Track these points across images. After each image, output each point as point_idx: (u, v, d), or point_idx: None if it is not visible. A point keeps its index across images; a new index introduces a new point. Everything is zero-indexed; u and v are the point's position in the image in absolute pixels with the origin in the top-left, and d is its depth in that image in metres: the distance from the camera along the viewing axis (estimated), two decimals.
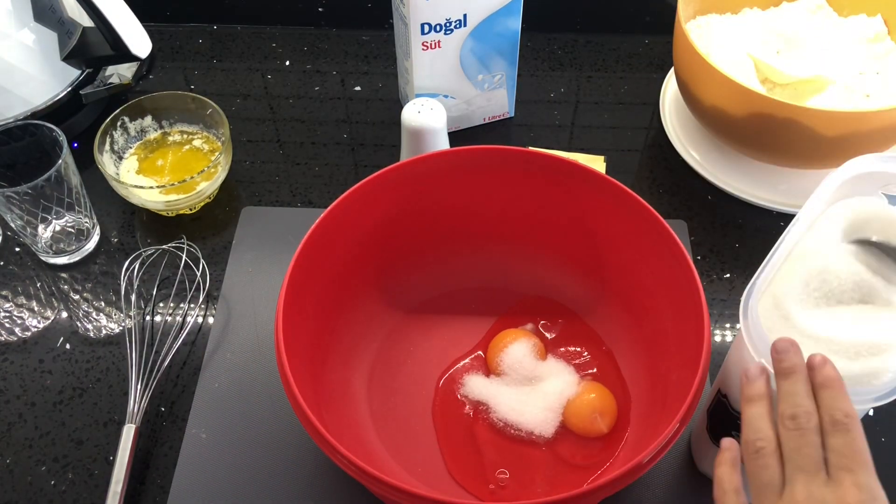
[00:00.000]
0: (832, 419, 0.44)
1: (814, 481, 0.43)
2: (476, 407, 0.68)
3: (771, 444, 0.45)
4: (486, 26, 0.80)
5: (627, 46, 1.00)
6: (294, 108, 0.94)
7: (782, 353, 0.47)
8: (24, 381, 0.71)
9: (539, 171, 0.67)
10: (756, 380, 0.48)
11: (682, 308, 0.60)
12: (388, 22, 0.98)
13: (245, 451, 0.66)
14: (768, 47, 0.83)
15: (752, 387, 0.48)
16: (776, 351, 0.47)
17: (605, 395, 0.67)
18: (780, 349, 0.47)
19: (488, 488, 0.63)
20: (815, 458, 0.43)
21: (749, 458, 0.46)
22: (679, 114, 0.90)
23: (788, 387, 0.46)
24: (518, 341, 0.69)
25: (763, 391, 0.47)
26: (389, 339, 0.72)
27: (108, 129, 0.81)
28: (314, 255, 0.62)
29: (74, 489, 0.65)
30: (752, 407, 0.47)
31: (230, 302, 0.76)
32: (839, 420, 0.44)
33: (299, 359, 0.58)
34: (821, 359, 0.46)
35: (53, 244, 0.78)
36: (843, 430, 0.43)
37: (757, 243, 0.80)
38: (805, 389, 0.46)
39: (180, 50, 1.00)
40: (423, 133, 0.76)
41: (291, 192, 0.85)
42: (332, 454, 0.52)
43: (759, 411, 0.47)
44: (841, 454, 0.43)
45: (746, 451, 0.46)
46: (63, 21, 0.84)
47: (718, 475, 0.48)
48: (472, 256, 0.74)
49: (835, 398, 0.45)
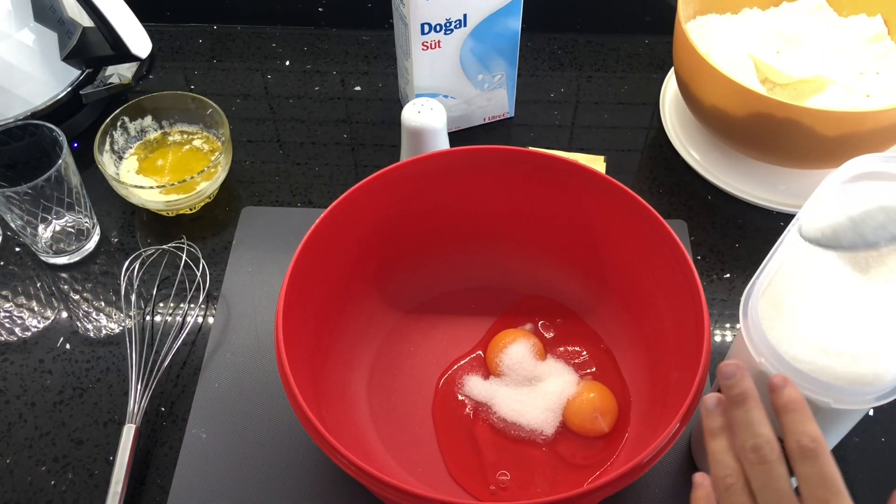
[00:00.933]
0: (800, 446, 0.42)
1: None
2: (476, 407, 0.68)
3: (740, 479, 0.44)
4: (486, 26, 0.80)
5: (627, 46, 1.00)
6: (294, 108, 0.94)
7: (730, 379, 0.45)
8: (24, 381, 0.71)
9: (539, 171, 0.67)
10: (713, 411, 0.46)
11: (682, 308, 0.60)
12: (388, 22, 0.98)
13: (245, 451, 0.66)
14: (768, 47, 0.83)
15: (712, 419, 0.46)
16: (723, 377, 0.45)
17: (606, 394, 0.67)
18: (727, 374, 0.45)
19: (489, 489, 0.63)
20: (785, 492, 0.42)
21: (721, 497, 0.44)
22: (679, 114, 0.90)
23: (742, 415, 0.44)
24: (517, 342, 0.69)
25: (723, 422, 0.46)
26: (389, 339, 0.72)
27: (108, 129, 0.81)
28: (314, 255, 0.62)
29: (74, 489, 0.65)
30: (714, 441, 0.45)
31: (230, 302, 0.76)
32: (807, 446, 0.42)
33: (299, 359, 0.58)
34: (781, 379, 0.45)
35: (53, 244, 0.78)
36: (811, 457, 0.42)
37: (757, 243, 0.80)
38: (760, 416, 0.44)
39: (180, 50, 1.00)
40: (423, 133, 0.76)
41: (291, 192, 0.85)
42: (332, 454, 0.52)
43: (722, 445, 0.45)
44: (814, 483, 0.41)
45: (717, 488, 0.44)
46: (63, 21, 0.84)
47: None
48: (472, 256, 0.74)
49: (799, 422, 0.43)
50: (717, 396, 0.47)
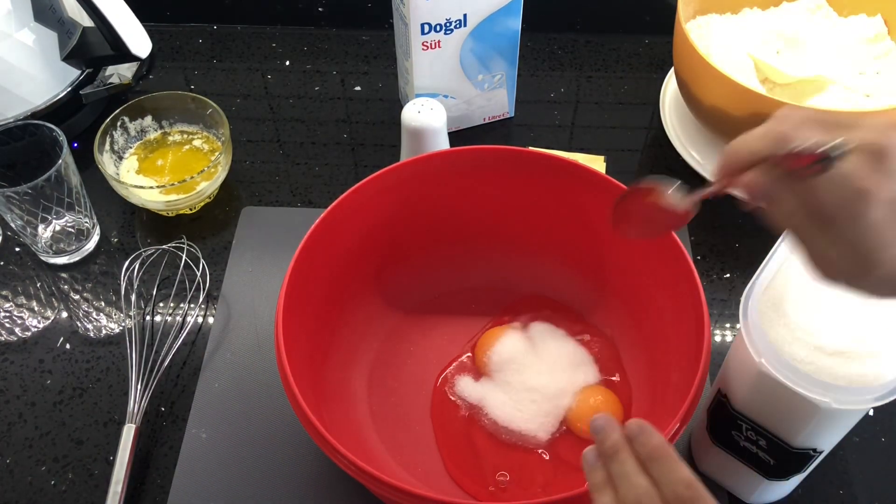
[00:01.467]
0: (676, 495, 0.41)
1: None
2: (471, 408, 0.68)
3: None
4: (486, 26, 0.80)
5: (627, 46, 1.00)
6: (294, 108, 0.94)
7: (601, 434, 0.45)
8: (24, 381, 0.71)
9: (539, 171, 0.67)
10: (594, 465, 0.45)
11: (682, 308, 0.60)
12: (388, 22, 0.98)
13: (245, 451, 0.66)
14: (768, 47, 0.83)
15: (594, 474, 0.45)
16: (593, 431, 0.45)
17: (612, 400, 0.66)
18: (597, 429, 0.45)
19: (488, 489, 0.63)
20: None
21: None
22: (679, 114, 0.90)
23: (618, 468, 0.43)
24: (500, 341, 0.69)
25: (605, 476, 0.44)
26: (389, 339, 0.72)
27: (108, 129, 0.81)
28: (314, 255, 0.62)
29: (74, 489, 0.65)
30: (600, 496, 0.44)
31: (230, 302, 0.76)
32: (684, 496, 0.41)
33: (299, 359, 0.58)
34: (637, 427, 0.44)
35: (53, 244, 0.78)
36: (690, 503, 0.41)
37: (757, 243, 0.80)
38: (635, 466, 0.43)
39: (180, 50, 1.00)
40: (423, 133, 0.76)
41: (291, 192, 0.85)
42: (332, 454, 0.52)
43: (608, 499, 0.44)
44: None
45: None
46: (63, 21, 0.84)
47: None
48: (471, 256, 0.74)
49: (668, 470, 0.42)
50: (595, 449, 0.46)
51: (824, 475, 0.64)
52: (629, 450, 0.44)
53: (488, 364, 0.68)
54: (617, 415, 0.66)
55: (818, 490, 0.64)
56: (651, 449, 0.43)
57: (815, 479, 0.63)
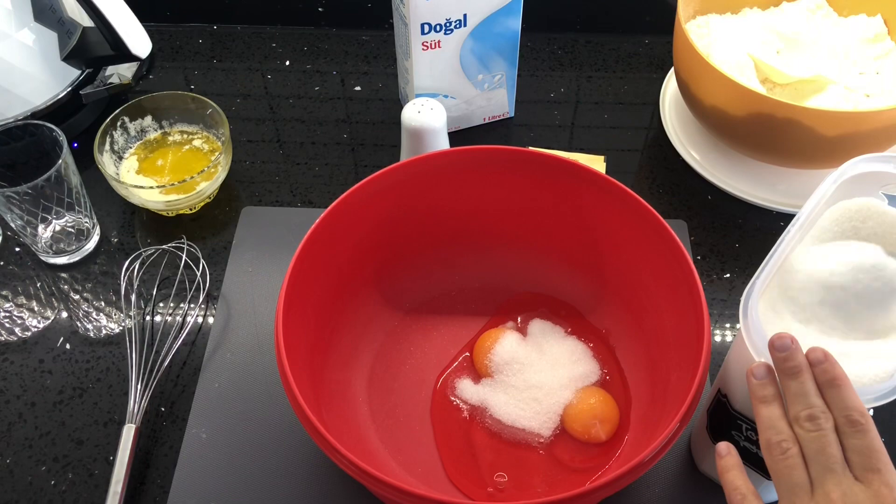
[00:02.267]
0: (849, 420, 0.44)
1: (843, 481, 0.43)
2: (472, 409, 0.68)
3: (796, 445, 0.45)
4: (486, 26, 0.80)
5: (627, 46, 1.00)
6: (294, 108, 0.94)
7: (784, 352, 0.46)
8: (24, 381, 0.71)
9: (539, 171, 0.67)
10: (765, 379, 0.48)
11: (682, 308, 0.60)
12: (388, 22, 0.98)
13: (245, 451, 0.66)
14: (768, 47, 0.83)
15: (764, 388, 0.47)
16: (776, 349, 0.47)
17: (608, 402, 0.66)
18: (781, 347, 0.46)
19: (486, 491, 0.63)
20: (839, 459, 0.43)
21: (775, 460, 0.45)
22: (679, 114, 0.90)
23: (797, 387, 0.46)
24: (499, 342, 0.69)
25: (776, 391, 0.47)
26: (389, 340, 0.72)
27: (108, 129, 0.81)
28: (314, 255, 0.62)
29: (74, 489, 0.65)
30: (767, 408, 0.47)
31: (230, 302, 0.76)
32: (857, 420, 0.44)
33: (299, 359, 0.58)
34: (822, 354, 0.46)
35: (53, 244, 0.78)
36: (861, 431, 0.44)
37: (757, 243, 0.80)
38: (814, 388, 0.45)
39: (180, 50, 1.00)
40: (423, 133, 0.76)
41: (291, 192, 0.85)
42: (332, 454, 0.52)
43: (776, 412, 0.46)
44: (864, 455, 0.43)
45: (771, 452, 0.45)
46: (63, 21, 0.84)
47: (730, 480, 0.47)
48: (472, 256, 0.74)
49: (846, 397, 0.44)
50: (766, 365, 0.48)
51: None
52: (811, 374, 0.46)
53: (489, 366, 0.68)
54: (613, 417, 0.66)
55: None
56: (834, 376, 0.45)
57: None
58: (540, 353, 0.69)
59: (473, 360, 0.70)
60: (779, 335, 0.47)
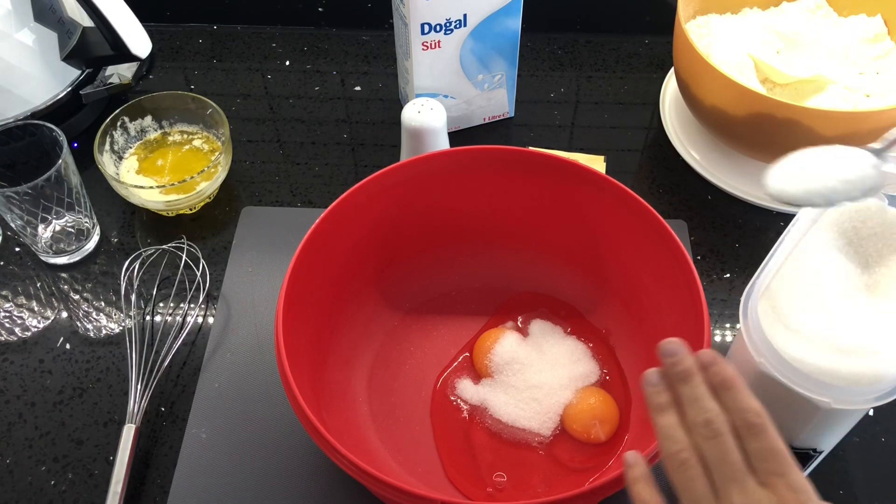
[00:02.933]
0: (746, 422, 0.42)
1: (747, 489, 0.41)
2: (472, 409, 0.68)
3: (694, 455, 0.43)
4: (486, 26, 0.80)
5: (627, 46, 1.00)
6: (294, 108, 0.94)
7: (674, 356, 0.45)
8: (24, 381, 0.71)
9: (539, 171, 0.67)
10: (658, 386, 0.45)
11: (682, 308, 0.60)
12: (388, 22, 0.98)
13: (245, 451, 0.66)
14: (768, 47, 0.83)
15: (658, 395, 0.45)
16: (665, 354, 0.45)
17: (608, 402, 0.66)
18: (670, 352, 0.45)
19: (486, 491, 0.63)
20: (740, 465, 0.42)
21: (675, 471, 0.43)
22: (679, 114, 0.90)
23: (690, 391, 0.44)
24: (499, 342, 0.69)
25: (669, 398, 0.45)
26: (389, 340, 0.72)
27: (108, 129, 0.81)
28: (314, 254, 0.62)
29: (74, 489, 0.65)
30: (662, 417, 0.45)
31: (230, 302, 0.76)
32: (753, 422, 0.42)
33: (299, 359, 0.58)
34: (712, 356, 0.44)
35: (53, 244, 0.78)
36: (760, 432, 0.42)
37: (757, 243, 0.80)
38: (706, 391, 0.44)
39: (180, 50, 1.00)
40: (423, 133, 0.76)
41: (291, 192, 0.85)
42: (332, 454, 0.52)
43: (672, 420, 0.44)
44: (764, 458, 0.42)
45: (670, 463, 0.44)
46: (63, 21, 0.84)
47: (638, 493, 0.45)
48: (472, 256, 0.74)
49: (740, 399, 0.43)
50: (660, 371, 0.46)
51: (824, 475, 0.64)
52: (701, 376, 0.44)
53: (489, 366, 0.68)
54: (613, 417, 0.66)
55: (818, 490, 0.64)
56: (725, 378, 0.43)
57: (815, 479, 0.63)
58: (540, 353, 0.69)
59: (473, 360, 0.70)
60: (669, 340, 0.45)
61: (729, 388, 0.43)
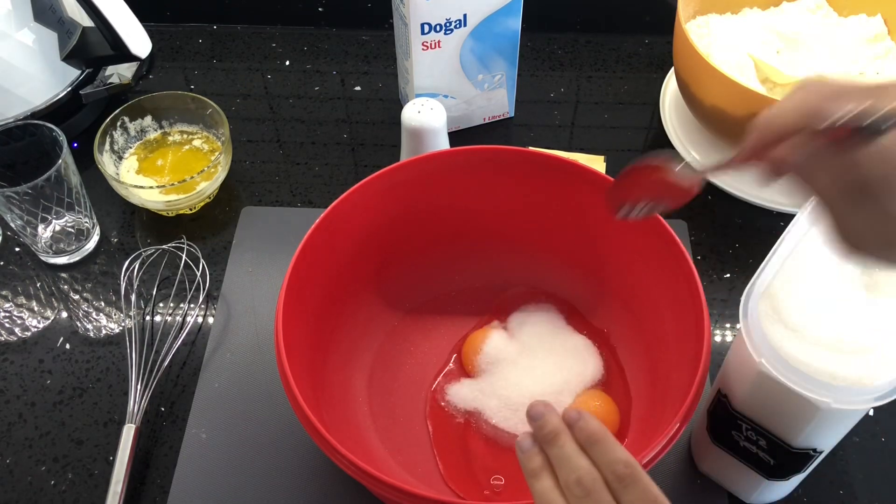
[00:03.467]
0: (616, 475, 0.42)
1: None
2: (468, 413, 0.68)
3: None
4: (486, 26, 0.80)
5: (627, 46, 1.00)
6: (294, 108, 0.94)
7: (539, 420, 0.45)
8: (24, 381, 0.71)
9: (539, 171, 0.67)
10: (530, 451, 0.45)
11: (682, 308, 0.60)
12: (388, 22, 0.98)
13: (245, 451, 0.66)
14: (768, 47, 0.83)
15: (531, 460, 0.45)
16: (531, 418, 0.45)
17: (608, 406, 0.66)
18: (536, 415, 0.45)
19: (483, 494, 0.63)
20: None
21: None
22: (679, 114, 0.90)
23: (558, 452, 0.44)
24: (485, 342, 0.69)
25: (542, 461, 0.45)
26: (389, 340, 0.72)
27: (108, 129, 0.81)
28: (314, 255, 0.62)
29: (74, 489, 0.65)
30: (537, 482, 0.44)
31: (230, 302, 0.76)
32: (623, 474, 0.42)
33: (299, 359, 0.58)
34: (575, 413, 0.44)
35: (53, 244, 0.78)
36: (631, 482, 0.42)
37: (757, 243, 0.80)
38: (575, 448, 0.44)
39: (180, 50, 1.00)
40: (423, 133, 0.76)
41: (291, 192, 0.85)
42: (332, 454, 0.52)
43: (547, 484, 0.44)
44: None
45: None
46: (63, 21, 0.84)
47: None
48: (472, 256, 0.74)
49: (607, 451, 0.43)
50: (531, 435, 0.46)
51: (824, 475, 0.64)
52: (569, 434, 0.44)
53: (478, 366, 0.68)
54: (613, 419, 0.65)
55: (818, 490, 0.64)
56: (590, 433, 0.43)
57: (815, 479, 0.63)
58: (539, 353, 0.69)
59: (462, 359, 0.70)
60: (534, 403, 0.45)
61: (595, 441, 0.43)
